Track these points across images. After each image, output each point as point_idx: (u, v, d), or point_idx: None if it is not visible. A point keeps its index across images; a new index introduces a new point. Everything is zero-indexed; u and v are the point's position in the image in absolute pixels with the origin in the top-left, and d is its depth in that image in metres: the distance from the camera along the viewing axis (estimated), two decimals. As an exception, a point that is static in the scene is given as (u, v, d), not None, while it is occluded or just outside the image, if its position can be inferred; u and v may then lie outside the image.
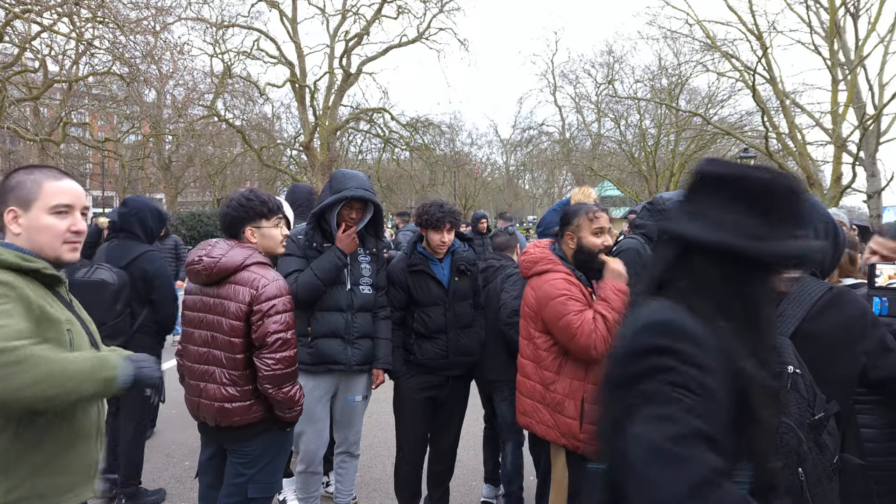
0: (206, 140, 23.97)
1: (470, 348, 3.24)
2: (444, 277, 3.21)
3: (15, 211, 1.54)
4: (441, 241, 3.15)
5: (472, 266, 3.31)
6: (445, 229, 3.14)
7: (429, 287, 3.17)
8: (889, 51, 15.94)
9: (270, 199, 2.56)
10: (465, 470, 4.13)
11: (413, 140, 26.02)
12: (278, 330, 2.34)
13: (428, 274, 3.18)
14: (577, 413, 2.43)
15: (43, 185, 1.56)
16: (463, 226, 8.09)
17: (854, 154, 14.92)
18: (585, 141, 30.78)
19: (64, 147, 24.21)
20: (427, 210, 3.15)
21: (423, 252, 3.23)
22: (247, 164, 31.96)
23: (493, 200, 42.63)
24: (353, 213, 3.09)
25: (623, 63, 26.76)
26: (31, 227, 1.54)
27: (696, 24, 20.54)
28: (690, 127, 24.39)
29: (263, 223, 2.53)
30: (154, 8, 14.78)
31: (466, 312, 3.25)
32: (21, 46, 14.46)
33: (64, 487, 1.51)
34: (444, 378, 3.23)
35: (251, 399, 2.41)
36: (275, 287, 2.38)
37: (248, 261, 2.41)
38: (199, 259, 2.43)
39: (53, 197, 1.56)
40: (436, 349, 3.15)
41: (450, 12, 23.63)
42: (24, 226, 1.53)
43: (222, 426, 2.43)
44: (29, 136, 17.42)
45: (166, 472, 4.04)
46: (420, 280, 3.18)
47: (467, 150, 37.08)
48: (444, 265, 3.24)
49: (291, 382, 2.43)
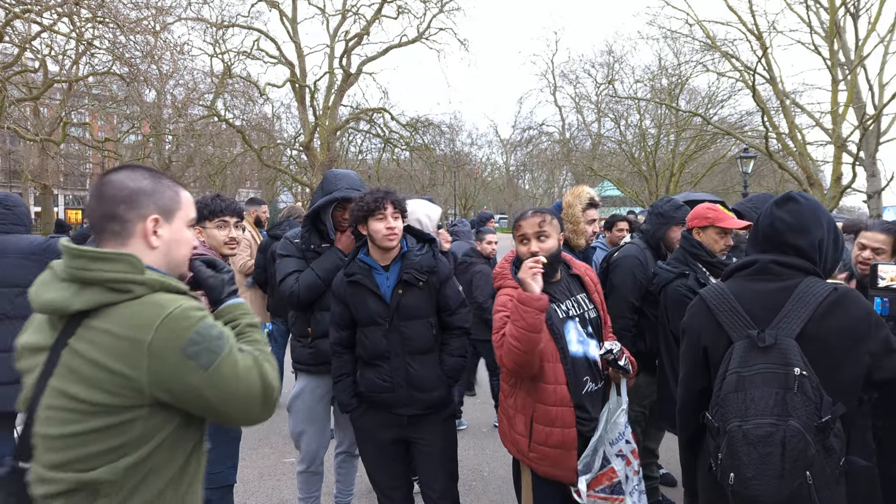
0: (206, 140, 23.95)
1: (425, 380, 2.56)
2: (389, 290, 2.58)
3: (158, 220, 1.31)
4: (387, 229, 2.51)
5: (426, 275, 2.58)
6: (389, 213, 2.52)
7: (366, 302, 2.57)
8: (889, 51, 15.94)
9: (214, 202, 2.70)
10: (465, 470, 4.12)
11: (413, 140, 26.02)
12: None
13: (364, 286, 2.56)
14: (526, 431, 2.30)
15: (180, 193, 1.37)
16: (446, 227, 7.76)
17: (854, 154, 14.91)
18: (585, 141, 30.77)
19: (64, 147, 24.21)
20: (360, 198, 2.59)
21: (364, 260, 2.62)
22: (247, 164, 31.95)
23: (493, 200, 42.69)
24: (345, 214, 3.02)
25: (623, 63, 26.74)
26: (173, 241, 1.34)
27: (696, 24, 20.54)
28: (690, 127, 24.39)
29: (207, 224, 2.69)
30: (154, 8, 14.76)
31: (420, 335, 2.57)
32: (21, 46, 14.45)
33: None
34: (397, 416, 2.60)
35: None
36: None
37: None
38: None
39: (190, 209, 1.39)
40: (377, 379, 2.58)
41: (450, 12, 23.63)
42: (163, 238, 1.32)
43: None
44: (29, 136, 17.42)
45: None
46: (357, 293, 2.58)
47: (467, 150, 37.15)
48: (390, 274, 2.60)
49: None
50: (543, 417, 2.26)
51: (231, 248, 2.75)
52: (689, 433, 1.79)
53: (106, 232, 1.27)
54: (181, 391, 1.21)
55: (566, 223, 3.21)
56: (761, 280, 1.65)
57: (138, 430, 1.20)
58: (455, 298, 2.69)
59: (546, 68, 40.07)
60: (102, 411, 1.17)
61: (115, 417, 1.18)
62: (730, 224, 3.01)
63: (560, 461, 2.25)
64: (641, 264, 3.30)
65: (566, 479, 2.26)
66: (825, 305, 1.53)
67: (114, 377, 1.16)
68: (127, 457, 1.19)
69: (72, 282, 1.21)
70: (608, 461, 2.27)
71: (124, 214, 1.27)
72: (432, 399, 2.59)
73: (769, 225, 1.68)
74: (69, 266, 1.22)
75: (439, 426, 2.66)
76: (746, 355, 1.53)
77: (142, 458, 1.21)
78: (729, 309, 1.64)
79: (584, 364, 2.32)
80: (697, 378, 1.73)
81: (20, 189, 32.22)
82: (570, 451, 2.24)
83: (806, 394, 1.44)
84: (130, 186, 1.28)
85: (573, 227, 3.30)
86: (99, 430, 1.18)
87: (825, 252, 1.65)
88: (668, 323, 2.97)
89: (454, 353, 2.66)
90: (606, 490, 2.26)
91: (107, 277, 1.19)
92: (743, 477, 1.45)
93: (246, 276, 5.39)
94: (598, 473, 2.25)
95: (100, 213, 1.27)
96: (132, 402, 1.18)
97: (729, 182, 28.08)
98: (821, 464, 1.41)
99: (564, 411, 2.24)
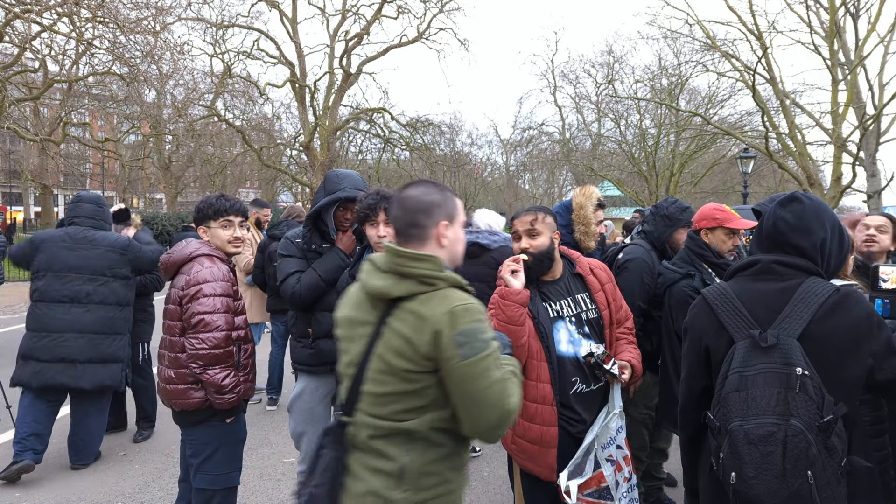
0: (206, 140, 24.00)
1: None
2: None
3: (447, 224, 1.61)
4: (378, 237, 2.60)
5: None
6: (381, 220, 2.57)
7: None
8: (889, 51, 15.97)
9: (219, 202, 2.73)
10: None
11: (413, 140, 26.05)
12: (202, 311, 2.51)
13: None
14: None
15: (457, 201, 1.69)
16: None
17: (854, 154, 14.92)
18: (585, 141, 30.81)
19: (64, 147, 24.22)
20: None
21: None
22: (247, 164, 31.98)
23: (493, 200, 42.63)
24: (347, 214, 3.03)
25: (623, 63, 26.80)
26: (456, 240, 1.64)
27: (696, 24, 20.58)
28: (690, 127, 24.40)
29: (211, 224, 2.73)
30: (154, 8, 14.77)
31: None
32: (21, 46, 14.45)
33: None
34: None
35: (187, 383, 2.57)
36: (208, 273, 2.57)
37: (196, 252, 2.64)
38: (164, 257, 2.73)
39: (462, 213, 1.70)
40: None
41: (450, 12, 23.71)
42: (449, 239, 1.61)
43: (175, 409, 2.65)
44: (29, 136, 17.43)
45: (167, 472, 4.02)
46: None
47: (467, 150, 37.12)
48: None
49: (220, 366, 2.53)
50: (523, 412, 2.29)
51: (236, 247, 2.77)
52: (691, 433, 1.79)
53: (410, 235, 1.58)
54: (444, 373, 1.45)
55: (577, 224, 3.16)
56: (764, 280, 1.65)
57: (432, 395, 1.48)
58: None
59: (546, 68, 40.20)
60: (408, 377, 1.47)
61: (415, 384, 1.47)
62: (738, 225, 2.99)
63: (537, 457, 2.28)
64: (649, 267, 3.25)
65: (543, 475, 2.29)
66: (827, 306, 1.53)
67: (413, 349, 1.46)
68: (428, 414, 1.49)
69: (392, 273, 1.54)
70: (598, 465, 2.26)
71: (423, 221, 1.58)
72: None
73: (772, 225, 1.68)
74: (392, 262, 1.54)
75: None
76: (748, 355, 1.53)
77: (439, 419, 1.49)
78: (731, 308, 1.63)
79: (575, 364, 2.32)
80: (699, 377, 1.73)
81: (20, 189, 32.23)
82: (549, 448, 2.26)
83: (808, 393, 1.43)
84: (426, 199, 1.59)
85: (585, 228, 3.23)
86: (408, 392, 1.48)
87: (828, 253, 1.65)
88: (672, 323, 2.94)
89: None
90: (594, 495, 2.24)
91: (420, 273, 1.51)
92: (744, 476, 1.45)
93: (247, 274, 5.39)
94: (588, 477, 2.24)
95: (404, 221, 1.59)
96: (426, 369, 1.46)
97: (729, 182, 28.06)
98: (822, 464, 1.41)
99: (545, 409, 2.27)
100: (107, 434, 4.56)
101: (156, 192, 32.84)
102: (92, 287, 3.88)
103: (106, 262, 3.94)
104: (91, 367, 3.82)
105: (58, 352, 3.76)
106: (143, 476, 3.95)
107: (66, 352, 3.77)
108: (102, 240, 3.98)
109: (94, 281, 3.89)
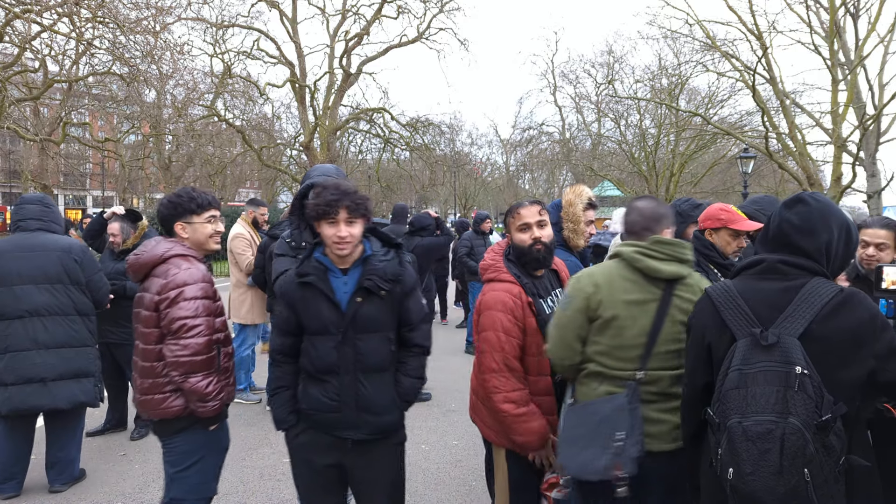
0: (206, 140, 23.98)
1: (376, 402, 2.22)
2: (346, 297, 2.21)
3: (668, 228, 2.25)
4: (338, 238, 2.12)
5: (389, 283, 2.22)
6: (342, 219, 2.12)
7: (318, 307, 2.20)
8: (889, 51, 15.98)
9: (200, 196, 2.55)
10: (465, 470, 4.12)
11: (413, 140, 26.05)
12: (184, 316, 2.35)
13: (318, 289, 2.20)
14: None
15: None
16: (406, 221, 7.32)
17: (854, 154, 14.93)
18: (585, 141, 30.82)
19: (64, 147, 24.21)
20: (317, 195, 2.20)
21: (320, 259, 2.23)
22: (247, 164, 31.98)
23: (493, 200, 42.69)
24: None
25: (623, 63, 26.81)
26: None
27: (696, 24, 20.58)
28: (690, 127, 24.40)
29: (194, 218, 2.54)
30: (154, 8, 14.77)
31: (376, 350, 2.23)
32: (21, 46, 14.46)
33: None
34: (339, 440, 2.24)
35: (165, 392, 2.42)
36: (186, 275, 2.40)
37: (168, 253, 2.46)
38: (132, 258, 2.52)
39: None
40: (322, 397, 2.21)
41: (450, 12, 23.69)
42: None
43: (154, 419, 2.50)
44: (29, 136, 17.43)
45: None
46: (309, 297, 2.21)
47: (467, 150, 37.21)
48: (348, 279, 2.23)
49: (202, 373, 2.37)
50: None
51: (216, 243, 2.62)
52: (692, 429, 1.81)
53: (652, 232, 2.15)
54: None
55: (566, 222, 3.17)
56: (768, 279, 1.65)
57: None
58: (418, 312, 2.36)
59: (546, 68, 40.20)
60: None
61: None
62: (743, 226, 2.98)
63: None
64: None
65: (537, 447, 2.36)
66: (831, 306, 1.53)
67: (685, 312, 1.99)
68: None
69: (673, 260, 2.08)
70: None
71: (654, 227, 2.16)
72: (382, 423, 2.25)
73: (777, 226, 1.69)
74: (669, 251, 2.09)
75: (388, 454, 2.32)
76: (749, 353, 1.54)
77: None
78: (734, 307, 1.64)
79: None
80: (701, 374, 1.74)
81: (20, 189, 32.22)
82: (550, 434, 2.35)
83: (806, 392, 1.44)
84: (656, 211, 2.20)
85: (574, 226, 3.25)
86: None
87: (833, 254, 1.65)
88: None
89: (411, 373, 2.33)
90: None
91: (689, 258, 2.14)
92: (741, 472, 1.46)
93: (248, 275, 5.39)
94: None
95: (640, 226, 2.17)
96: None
97: (729, 182, 28.09)
98: (819, 462, 1.42)
99: (546, 400, 2.38)
100: (107, 433, 4.56)
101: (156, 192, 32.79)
102: (50, 297, 3.51)
103: (61, 267, 3.55)
104: (63, 385, 3.51)
105: (24, 372, 3.41)
106: (143, 476, 3.95)
107: (33, 371, 3.43)
108: (54, 244, 3.58)
109: (52, 291, 3.52)
